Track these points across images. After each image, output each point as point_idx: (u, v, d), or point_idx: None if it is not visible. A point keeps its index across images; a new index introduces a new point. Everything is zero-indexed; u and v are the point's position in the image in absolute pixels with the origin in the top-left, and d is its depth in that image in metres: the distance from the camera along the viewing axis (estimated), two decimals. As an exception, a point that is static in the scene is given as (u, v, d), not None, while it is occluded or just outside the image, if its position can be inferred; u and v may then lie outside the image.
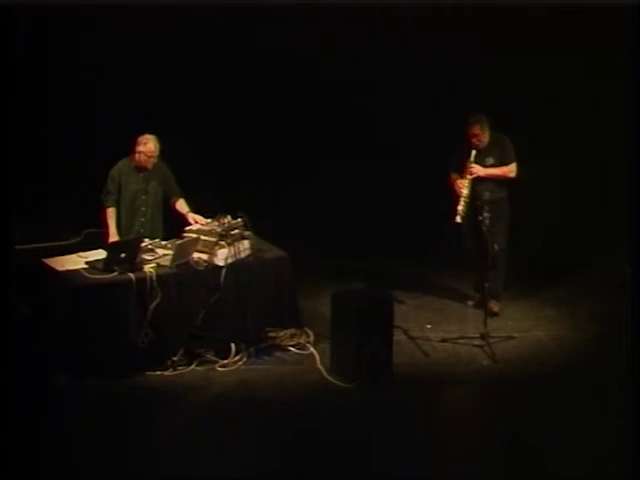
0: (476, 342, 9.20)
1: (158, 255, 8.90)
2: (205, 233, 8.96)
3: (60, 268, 8.72)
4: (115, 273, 8.58)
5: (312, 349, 9.05)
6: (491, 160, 9.67)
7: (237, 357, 8.84)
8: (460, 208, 9.48)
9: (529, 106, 11.07)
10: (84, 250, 9.12)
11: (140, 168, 9.38)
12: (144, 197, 9.39)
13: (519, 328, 9.58)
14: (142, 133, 9.40)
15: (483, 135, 9.61)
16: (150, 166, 9.37)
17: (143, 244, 8.92)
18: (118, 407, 8.08)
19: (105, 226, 9.39)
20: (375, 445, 7.60)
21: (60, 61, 11.31)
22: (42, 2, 10.18)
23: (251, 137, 11.63)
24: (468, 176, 9.55)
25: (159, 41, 11.29)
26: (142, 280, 8.54)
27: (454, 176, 9.72)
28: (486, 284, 9.26)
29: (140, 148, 9.32)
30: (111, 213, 9.38)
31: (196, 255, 8.89)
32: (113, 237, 9.27)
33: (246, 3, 10.80)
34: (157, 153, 9.36)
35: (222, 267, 8.83)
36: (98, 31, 11.23)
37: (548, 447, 7.56)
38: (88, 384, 8.29)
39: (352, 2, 10.75)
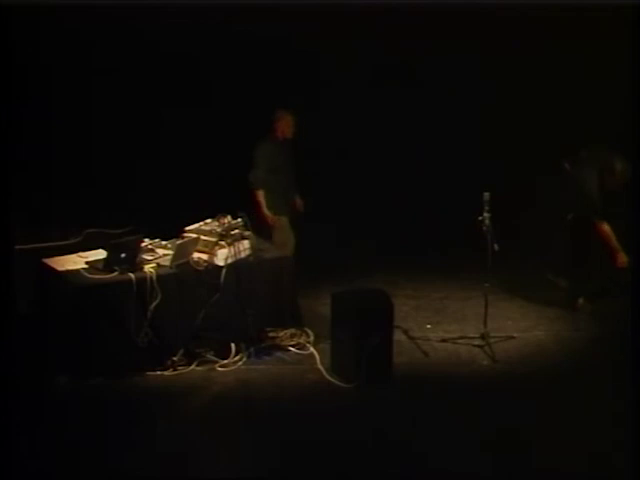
0: (476, 342, 9.21)
1: (158, 255, 8.90)
2: (205, 233, 8.96)
3: (60, 268, 8.72)
4: (115, 273, 8.58)
5: (312, 349, 9.05)
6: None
7: (237, 357, 8.83)
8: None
9: (529, 106, 11.08)
10: (84, 250, 9.12)
11: (282, 141, 10.00)
12: (291, 168, 10.09)
13: (519, 328, 9.59)
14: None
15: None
16: (290, 136, 9.98)
17: (143, 244, 8.93)
18: (118, 407, 8.09)
19: (257, 208, 9.88)
20: (375, 445, 7.60)
21: (60, 61, 11.32)
22: (42, 2, 10.18)
23: (252, 137, 11.63)
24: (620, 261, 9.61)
25: (161, 41, 11.31)
26: (142, 280, 8.54)
27: (608, 228, 9.65)
28: (487, 284, 9.26)
29: (281, 121, 9.95)
30: (262, 194, 9.92)
31: (196, 255, 8.89)
32: (269, 213, 9.99)
33: (246, 3, 10.81)
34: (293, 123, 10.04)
35: (222, 267, 8.83)
36: (98, 31, 11.24)
37: (548, 447, 7.56)
38: (88, 384, 8.30)
39: (353, 2, 10.76)
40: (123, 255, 8.63)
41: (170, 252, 8.84)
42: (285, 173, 10.09)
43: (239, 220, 9.08)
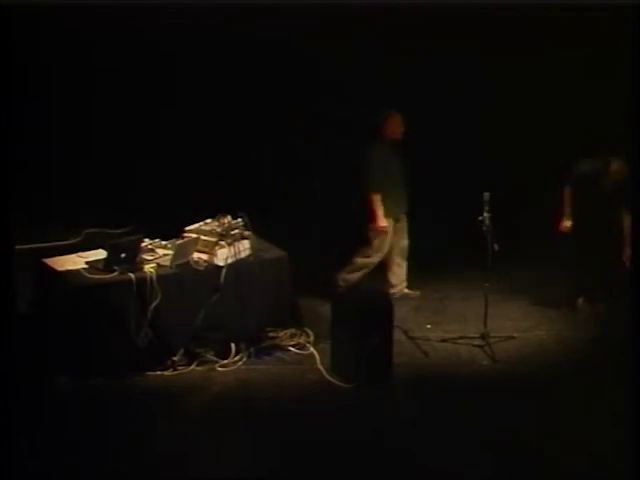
0: (476, 342, 9.21)
1: (158, 255, 8.90)
2: (205, 233, 8.96)
3: (60, 268, 8.72)
4: (115, 273, 8.58)
5: (312, 349, 9.05)
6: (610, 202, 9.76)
7: (237, 357, 8.84)
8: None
9: (529, 106, 11.08)
10: (84, 250, 9.12)
11: (394, 142, 9.81)
12: (401, 170, 9.89)
13: (519, 328, 9.59)
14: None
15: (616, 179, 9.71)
16: (399, 137, 9.80)
17: (143, 244, 8.93)
18: (118, 407, 8.09)
19: (372, 212, 9.77)
20: (375, 445, 7.60)
21: (60, 61, 11.31)
22: (42, 2, 10.17)
23: (252, 137, 11.64)
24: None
25: (161, 41, 11.30)
26: (142, 280, 8.54)
27: (567, 194, 9.92)
28: (487, 284, 9.26)
29: (389, 122, 9.78)
30: (379, 197, 9.72)
31: (196, 255, 8.89)
32: (384, 222, 9.75)
33: (246, 3, 10.80)
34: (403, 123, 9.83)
35: (222, 267, 8.83)
36: (98, 31, 11.24)
37: (548, 447, 7.56)
38: (88, 384, 8.30)
39: (353, 2, 10.76)
40: (123, 255, 8.63)
41: (170, 252, 8.84)
42: (398, 176, 9.89)
43: (239, 220, 9.08)
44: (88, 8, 10.65)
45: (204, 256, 8.90)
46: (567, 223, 9.96)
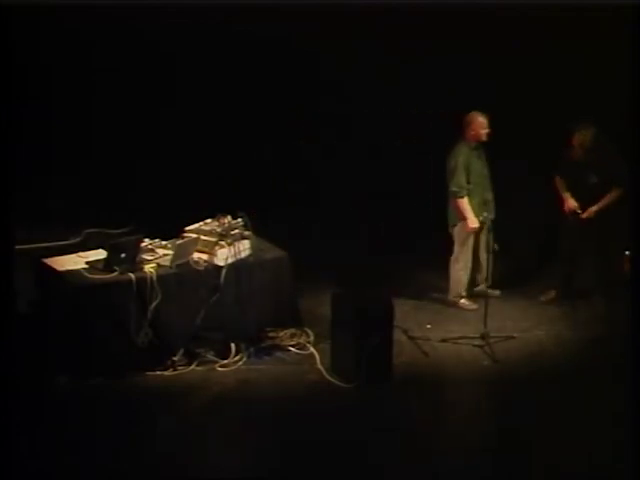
0: (476, 342, 9.21)
1: (158, 255, 8.90)
2: (205, 233, 8.96)
3: (60, 268, 8.72)
4: (115, 273, 8.58)
5: (312, 349, 9.05)
6: (594, 179, 9.75)
7: (237, 357, 8.84)
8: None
9: (529, 106, 11.08)
10: (84, 250, 9.12)
11: (477, 144, 9.72)
12: (486, 172, 9.78)
13: (519, 328, 9.59)
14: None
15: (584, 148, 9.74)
16: (484, 139, 9.69)
17: (143, 244, 8.93)
18: (118, 407, 8.09)
19: (461, 215, 9.71)
20: (375, 445, 7.60)
21: (60, 61, 11.32)
22: (42, 2, 10.18)
23: (252, 136, 11.64)
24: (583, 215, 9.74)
25: (161, 41, 11.30)
26: (142, 280, 8.54)
27: (559, 181, 9.94)
28: (486, 284, 9.27)
29: (474, 124, 9.68)
30: (467, 201, 9.67)
31: (196, 255, 8.89)
32: (475, 223, 9.64)
33: (246, 3, 10.81)
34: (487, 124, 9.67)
35: (222, 267, 8.84)
36: (98, 31, 11.25)
37: (548, 447, 7.56)
38: (88, 384, 8.30)
39: (353, 2, 10.77)
40: (123, 255, 8.64)
41: (170, 252, 8.85)
42: (482, 179, 9.81)
43: (239, 220, 9.08)
44: (88, 8, 10.65)
45: (204, 256, 8.90)
46: (571, 202, 9.84)
